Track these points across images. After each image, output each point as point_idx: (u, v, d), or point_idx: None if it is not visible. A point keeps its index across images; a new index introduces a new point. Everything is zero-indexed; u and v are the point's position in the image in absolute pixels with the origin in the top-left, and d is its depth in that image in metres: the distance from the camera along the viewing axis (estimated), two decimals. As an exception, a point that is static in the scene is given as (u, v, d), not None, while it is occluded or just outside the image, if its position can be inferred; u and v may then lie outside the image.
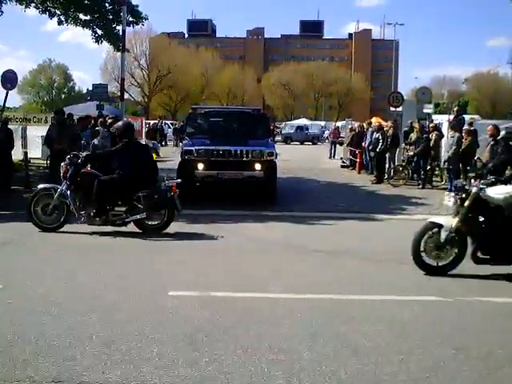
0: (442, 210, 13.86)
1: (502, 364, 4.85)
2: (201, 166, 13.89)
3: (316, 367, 4.70)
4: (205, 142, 14.44)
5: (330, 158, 32.45)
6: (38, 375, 4.45)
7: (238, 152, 14.02)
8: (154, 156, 28.81)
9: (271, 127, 26.49)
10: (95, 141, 15.16)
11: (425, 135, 18.43)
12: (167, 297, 6.58)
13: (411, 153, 18.73)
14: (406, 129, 21.30)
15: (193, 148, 14.13)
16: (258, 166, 13.96)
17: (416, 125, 19.74)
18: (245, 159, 14.02)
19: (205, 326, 5.61)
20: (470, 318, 6.05)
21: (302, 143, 55.16)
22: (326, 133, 63.68)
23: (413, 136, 19.29)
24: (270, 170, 14.12)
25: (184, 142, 15.51)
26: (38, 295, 6.54)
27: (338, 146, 33.37)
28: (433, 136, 18.56)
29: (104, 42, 23.07)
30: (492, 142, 13.54)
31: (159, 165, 24.80)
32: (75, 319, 5.73)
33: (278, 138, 49.13)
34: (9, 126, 16.30)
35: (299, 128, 60.05)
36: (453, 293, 6.89)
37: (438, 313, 6.21)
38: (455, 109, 21.67)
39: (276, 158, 14.54)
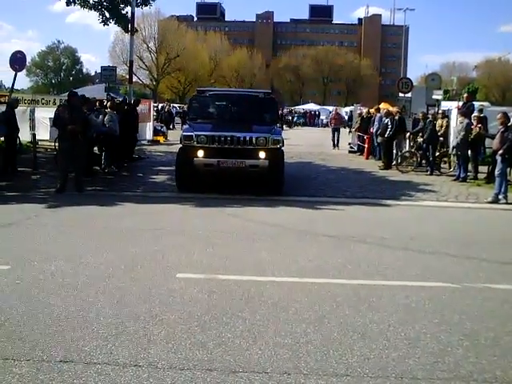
0: (449, 196, 13.87)
1: (508, 351, 4.85)
2: (200, 153, 12.92)
3: (323, 351, 4.71)
4: (206, 127, 13.52)
5: (334, 147, 28.58)
6: (46, 355, 4.49)
7: (241, 138, 12.97)
8: (161, 139, 29.14)
9: (280, 112, 25.94)
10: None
11: (428, 120, 18.32)
12: (175, 279, 6.60)
13: (420, 139, 18.62)
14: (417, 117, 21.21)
15: (192, 133, 13.15)
16: (262, 155, 12.92)
17: (420, 113, 19.73)
18: (248, 147, 12.99)
19: (212, 308, 5.63)
20: (478, 305, 6.04)
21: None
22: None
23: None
24: (276, 159, 13.07)
25: (184, 126, 14.48)
26: (46, 276, 6.58)
27: (341, 133, 30.02)
28: (443, 122, 18.48)
29: (111, 23, 22.94)
30: (502, 129, 13.46)
31: (167, 148, 24.90)
32: (83, 300, 5.76)
33: None
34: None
35: None
36: (461, 279, 6.88)
37: (446, 299, 6.20)
38: (465, 95, 21.50)
39: (283, 145, 13.63)
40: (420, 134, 18.84)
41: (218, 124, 13.80)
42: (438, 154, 18.43)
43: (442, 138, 18.41)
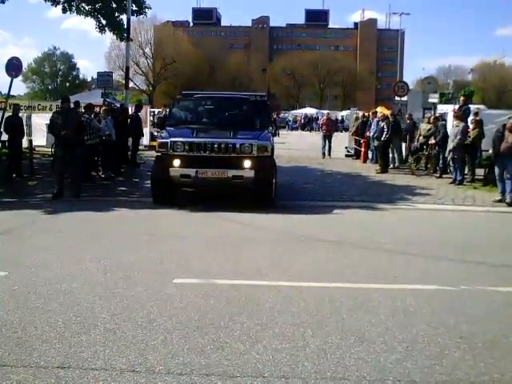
0: (445, 199, 13.88)
1: (506, 353, 4.85)
2: (176, 162, 11.68)
3: (321, 355, 4.70)
4: (185, 133, 12.27)
5: (324, 156, 25.35)
6: (43, 361, 4.47)
7: (223, 146, 11.68)
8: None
9: (272, 117, 25.07)
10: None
11: (440, 123, 18.29)
12: (172, 284, 6.59)
13: (432, 141, 18.43)
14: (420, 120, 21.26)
15: (168, 140, 11.92)
16: (247, 164, 11.68)
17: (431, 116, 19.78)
18: (230, 155, 11.72)
19: (210, 313, 5.62)
20: (475, 308, 6.04)
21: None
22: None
23: (425, 126, 19.17)
24: (263, 168, 11.76)
25: (162, 133, 13.03)
26: (43, 282, 6.56)
27: (333, 140, 26.16)
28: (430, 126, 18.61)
29: (107, 31, 22.97)
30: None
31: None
32: (81, 306, 5.75)
33: None
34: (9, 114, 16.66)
35: None
36: (458, 282, 6.88)
37: (443, 302, 6.20)
38: (461, 98, 21.49)
39: (272, 153, 12.37)
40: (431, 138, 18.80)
41: (199, 130, 12.58)
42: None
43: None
